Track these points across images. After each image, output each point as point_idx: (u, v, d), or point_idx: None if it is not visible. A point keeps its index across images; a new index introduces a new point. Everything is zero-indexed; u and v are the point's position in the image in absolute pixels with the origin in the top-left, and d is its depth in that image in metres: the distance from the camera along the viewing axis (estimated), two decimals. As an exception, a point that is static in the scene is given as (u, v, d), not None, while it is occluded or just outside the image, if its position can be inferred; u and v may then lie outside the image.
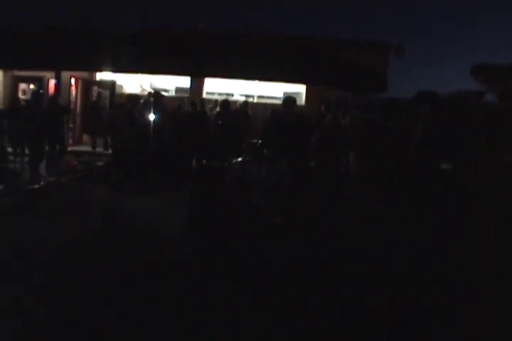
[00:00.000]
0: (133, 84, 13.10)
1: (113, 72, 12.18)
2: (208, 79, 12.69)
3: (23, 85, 12.46)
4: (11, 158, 8.66)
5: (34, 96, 8.53)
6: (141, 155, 8.54)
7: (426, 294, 3.74)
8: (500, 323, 3.33)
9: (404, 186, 6.66)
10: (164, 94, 11.08)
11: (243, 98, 12.29)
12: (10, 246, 4.37)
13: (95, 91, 12.79)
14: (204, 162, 8.88)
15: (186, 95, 12.36)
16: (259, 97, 12.90)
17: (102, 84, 12.84)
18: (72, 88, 12.38)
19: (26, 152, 8.50)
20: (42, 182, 7.36)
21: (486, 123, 6.86)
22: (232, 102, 11.24)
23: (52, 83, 11.95)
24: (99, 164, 9.42)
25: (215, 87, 12.92)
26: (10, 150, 8.77)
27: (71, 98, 12.17)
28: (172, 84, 13.06)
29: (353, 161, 9.39)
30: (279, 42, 11.69)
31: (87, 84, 13.04)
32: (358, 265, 4.36)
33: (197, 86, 12.68)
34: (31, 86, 12.36)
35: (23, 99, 10.64)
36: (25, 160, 8.35)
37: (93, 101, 12.46)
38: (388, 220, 5.87)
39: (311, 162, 8.68)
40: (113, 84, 12.47)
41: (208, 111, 9.87)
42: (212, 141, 8.57)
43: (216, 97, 11.91)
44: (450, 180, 6.69)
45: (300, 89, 12.87)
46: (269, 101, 12.52)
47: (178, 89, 13.05)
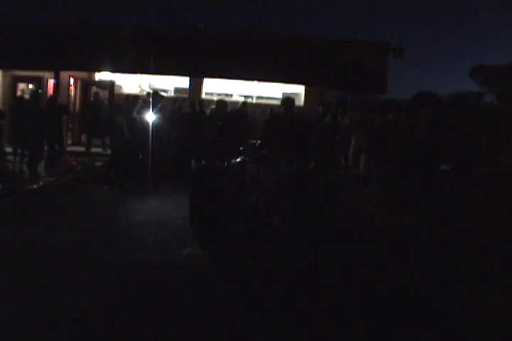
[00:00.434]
0: (132, 84, 13.09)
1: (112, 72, 12.18)
2: (207, 79, 12.68)
3: (22, 85, 12.44)
4: (10, 158, 8.64)
5: (33, 96, 8.50)
6: (140, 156, 8.55)
7: (426, 294, 3.74)
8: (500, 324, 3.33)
9: (405, 186, 6.65)
10: (163, 94, 11.07)
11: (242, 98, 12.29)
12: (10, 246, 4.36)
13: (94, 91, 12.78)
14: (203, 162, 8.86)
15: (185, 95, 12.36)
16: (258, 98, 12.89)
17: (100, 84, 12.83)
18: (71, 88, 12.38)
19: (26, 152, 8.48)
20: (41, 183, 7.35)
21: (486, 124, 6.87)
22: (232, 103, 11.26)
23: (51, 83, 11.95)
24: (98, 164, 9.42)
25: (214, 88, 12.92)
26: (10, 150, 8.75)
27: (70, 98, 12.17)
28: (171, 84, 13.06)
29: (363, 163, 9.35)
30: (278, 43, 11.70)
31: (86, 84, 13.03)
32: (358, 265, 4.36)
33: (196, 86, 12.68)
34: (30, 86, 12.34)
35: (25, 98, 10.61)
36: (25, 160, 8.33)
37: (90, 101, 12.44)
38: (388, 220, 5.86)
39: (310, 163, 8.67)
40: (112, 84, 12.46)
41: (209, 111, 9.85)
42: (210, 141, 8.54)
43: (215, 98, 11.91)
44: (450, 180, 6.69)
45: (299, 90, 12.87)
46: (268, 102, 12.52)
47: (177, 90, 13.04)
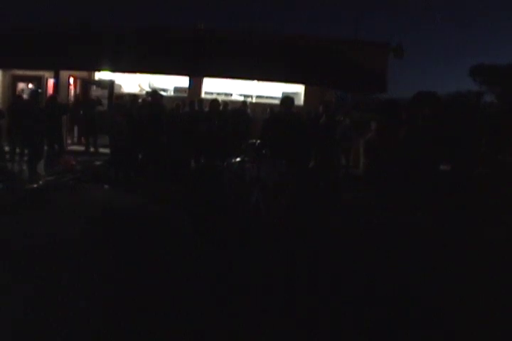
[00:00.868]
0: (132, 83, 13.09)
1: (112, 71, 12.18)
2: (207, 79, 12.69)
3: (21, 84, 12.44)
4: (9, 158, 8.65)
5: (33, 95, 8.50)
6: (140, 155, 8.55)
7: (425, 294, 3.74)
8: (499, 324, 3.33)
9: (405, 186, 6.65)
10: (163, 93, 11.07)
11: (242, 98, 12.29)
12: (9, 246, 4.36)
13: (94, 90, 12.78)
14: (203, 162, 8.87)
15: (185, 95, 12.36)
16: (258, 97, 12.89)
17: (100, 83, 12.83)
18: (71, 87, 12.37)
19: (25, 151, 8.47)
20: (40, 182, 7.34)
21: (486, 124, 6.87)
22: (232, 102, 11.26)
23: (50, 82, 11.94)
24: (98, 164, 9.42)
25: (214, 87, 12.92)
26: (8, 149, 8.76)
27: (70, 97, 12.16)
28: (171, 83, 13.05)
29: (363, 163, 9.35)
30: (277, 43, 11.70)
31: (86, 84, 13.02)
32: (357, 265, 4.35)
33: (196, 86, 12.69)
34: (30, 85, 12.34)
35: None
36: (24, 159, 8.33)
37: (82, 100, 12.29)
38: (388, 220, 5.86)
39: (310, 162, 8.68)
40: (112, 83, 12.46)
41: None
42: (205, 140, 8.53)
43: (215, 97, 11.91)
44: (450, 180, 6.69)
45: (299, 89, 12.87)
46: (268, 101, 12.53)
47: (176, 89, 13.04)
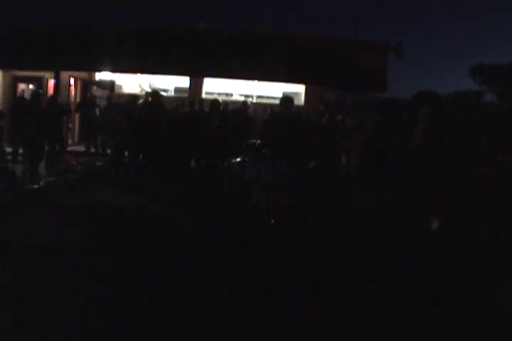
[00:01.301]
0: (132, 84, 13.09)
1: (112, 72, 12.19)
2: (207, 79, 12.69)
3: (22, 85, 12.45)
4: (10, 158, 8.64)
5: (33, 96, 8.50)
6: (140, 155, 8.54)
7: (425, 294, 3.74)
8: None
9: (405, 186, 6.65)
10: (163, 94, 11.07)
11: (242, 98, 12.29)
12: (9, 246, 4.36)
13: (95, 91, 12.77)
14: (203, 162, 8.87)
15: (185, 95, 12.36)
16: (259, 97, 12.89)
17: (101, 84, 12.83)
18: (72, 88, 12.38)
19: (27, 152, 8.46)
20: (41, 182, 7.34)
21: (487, 123, 6.86)
22: (233, 102, 11.26)
23: (51, 83, 11.95)
24: (99, 164, 9.42)
25: (214, 87, 12.92)
26: (10, 150, 8.76)
27: (70, 98, 12.17)
28: (171, 84, 13.06)
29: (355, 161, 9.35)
30: (278, 42, 11.70)
31: (86, 84, 13.03)
32: (357, 265, 4.35)
33: (196, 86, 12.69)
34: (30, 86, 12.34)
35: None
36: (25, 159, 8.32)
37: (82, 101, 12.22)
38: (388, 220, 5.85)
39: (310, 162, 8.68)
40: (112, 84, 12.46)
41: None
42: (205, 140, 8.53)
43: (216, 97, 11.90)
44: (451, 179, 6.68)
45: (299, 89, 12.87)
46: (269, 101, 12.52)
47: (177, 89, 13.05)
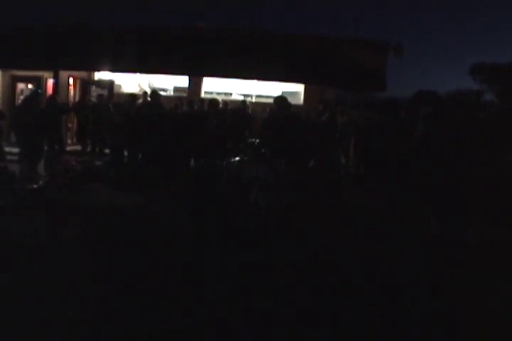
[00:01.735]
0: (131, 83, 13.08)
1: (111, 71, 12.17)
2: (207, 78, 12.68)
3: (21, 85, 12.44)
4: (10, 158, 8.63)
5: (33, 96, 8.48)
6: (139, 155, 8.54)
7: (425, 294, 3.74)
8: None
9: (405, 186, 6.64)
10: (162, 93, 11.05)
11: (241, 97, 12.28)
12: (9, 246, 4.36)
13: (94, 91, 12.74)
14: (202, 161, 8.86)
15: (185, 95, 12.35)
16: (258, 97, 12.88)
17: (100, 83, 12.82)
18: (71, 88, 12.37)
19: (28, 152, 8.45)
20: (40, 182, 7.34)
21: (487, 123, 6.84)
22: (232, 102, 11.26)
23: (50, 83, 11.94)
24: (98, 164, 9.41)
25: (214, 87, 12.91)
26: (9, 150, 8.75)
27: (69, 97, 12.15)
28: (170, 83, 13.05)
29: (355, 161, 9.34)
30: (277, 42, 11.69)
31: (86, 84, 13.02)
32: (357, 265, 4.35)
33: (195, 85, 12.67)
34: (29, 85, 12.33)
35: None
36: (25, 159, 8.31)
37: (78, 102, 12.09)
38: (388, 220, 5.85)
39: (310, 161, 8.68)
40: (111, 83, 12.45)
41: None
42: (204, 140, 8.53)
43: (214, 96, 11.88)
44: (450, 179, 6.67)
45: (298, 89, 12.86)
46: (268, 101, 12.50)
47: (176, 89, 13.03)
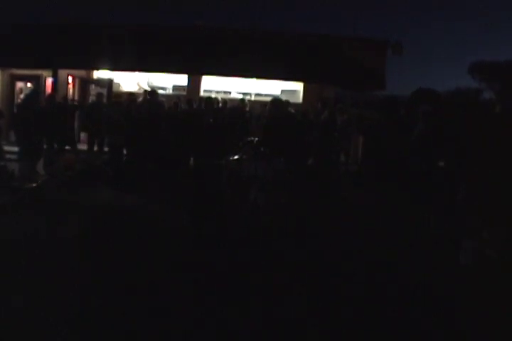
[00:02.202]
0: (130, 82, 13.07)
1: (110, 70, 12.16)
2: (206, 76, 12.66)
3: (20, 84, 12.42)
4: (9, 157, 8.63)
5: (33, 95, 8.49)
6: (138, 154, 8.54)
7: (424, 293, 3.74)
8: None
9: (403, 184, 6.64)
10: (162, 92, 11.04)
11: (240, 96, 12.27)
12: (9, 245, 4.36)
13: (93, 89, 12.71)
14: (201, 160, 8.85)
15: (184, 93, 12.34)
16: (257, 95, 12.86)
17: (99, 82, 12.80)
18: (70, 86, 12.35)
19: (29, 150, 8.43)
20: (40, 181, 7.34)
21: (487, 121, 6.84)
22: (231, 100, 11.24)
23: (49, 81, 11.92)
24: (97, 163, 9.40)
25: (213, 85, 12.89)
26: (8, 149, 8.75)
27: (68, 96, 12.12)
28: (169, 82, 13.03)
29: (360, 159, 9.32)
30: (276, 40, 11.67)
31: (85, 83, 13.00)
32: (357, 263, 4.36)
33: (194, 84, 12.66)
34: (28, 84, 12.31)
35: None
36: (24, 158, 8.30)
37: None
38: (387, 219, 5.85)
39: (308, 160, 8.68)
40: (110, 82, 12.44)
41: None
42: (203, 139, 8.53)
43: (214, 95, 11.87)
44: (450, 178, 6.67)
45: (297, 87, 12.85)
46: (267, 99, 12.48)
47: (175, 87, 13.02)
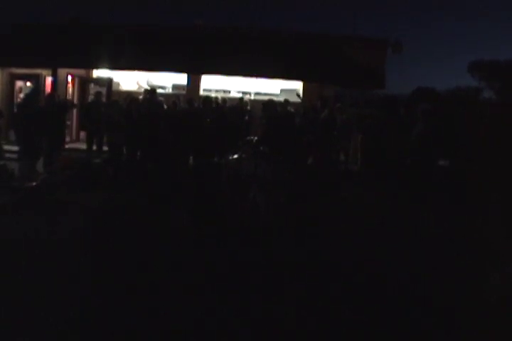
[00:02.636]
0: (130, 81, 13.05)
1: (110, 69, 12.14)
2: (205, 76, 12.64)
3: (19, 83, 12.40)
4: (8, 156, 8.62)
5: (32, 94, 8.48)
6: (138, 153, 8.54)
7: (424, 293, 3.74)
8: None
9: (403, 183, 6.65)
10: (161, 91, 11.03)
11: (240, 95, 12.25)
12: (9, 245, 4.36)
13: (93, 88, 12.69)
14: (201, 159, 8.85)
15: (183, 92, 12.33)
16: (256, 94, 12.85)
17: (98, 81, 12.78)
18: (69, 85, 12.34)
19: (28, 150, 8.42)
20: (39, 180, 7.33)
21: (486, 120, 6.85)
22: (230, 99, 11.24)
23: (48, 80, 11.91)
24: (96, 162, 9.39)
25: (212, 84, 12.88)
26: (8, 148, 8.74)
27: (67, 95, 12.12)
28: (169, 81, 13.01)
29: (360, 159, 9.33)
30: (276, 39, 11.66)
31: (84, 82, 12.98)
32: (357, 262, 4.35)
33: (194, 83, 12.64)
34: (28, 83, 12.30)
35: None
36: (24, 157, 8.29)
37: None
38: (387, 218, 5.85)
39: (308, 159, 8.68)
40: (110, 81, 12.42)
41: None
42: (203, 138, 8.54)
43: (213, 94, 11.85)
44: (449, 176, 6.68)
45: (297, 86, 12.84)
46: (266, 98, 12.48)
47: (175, 86, 12.99)
